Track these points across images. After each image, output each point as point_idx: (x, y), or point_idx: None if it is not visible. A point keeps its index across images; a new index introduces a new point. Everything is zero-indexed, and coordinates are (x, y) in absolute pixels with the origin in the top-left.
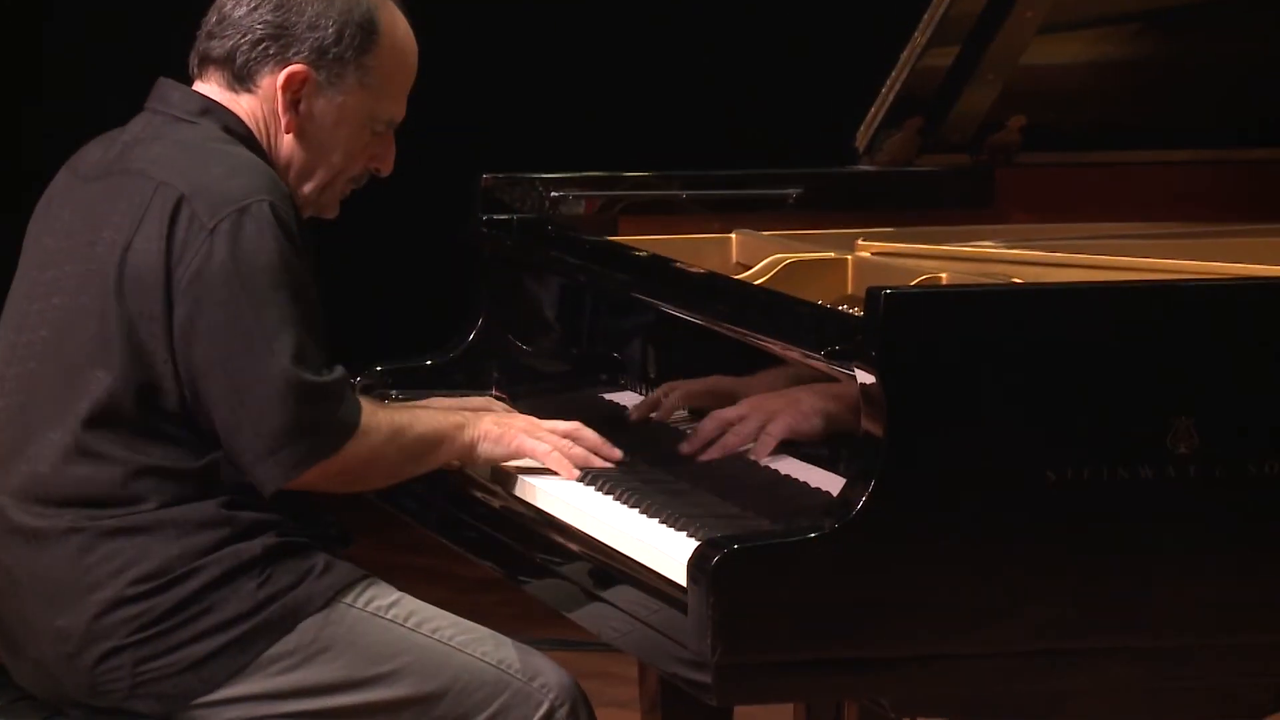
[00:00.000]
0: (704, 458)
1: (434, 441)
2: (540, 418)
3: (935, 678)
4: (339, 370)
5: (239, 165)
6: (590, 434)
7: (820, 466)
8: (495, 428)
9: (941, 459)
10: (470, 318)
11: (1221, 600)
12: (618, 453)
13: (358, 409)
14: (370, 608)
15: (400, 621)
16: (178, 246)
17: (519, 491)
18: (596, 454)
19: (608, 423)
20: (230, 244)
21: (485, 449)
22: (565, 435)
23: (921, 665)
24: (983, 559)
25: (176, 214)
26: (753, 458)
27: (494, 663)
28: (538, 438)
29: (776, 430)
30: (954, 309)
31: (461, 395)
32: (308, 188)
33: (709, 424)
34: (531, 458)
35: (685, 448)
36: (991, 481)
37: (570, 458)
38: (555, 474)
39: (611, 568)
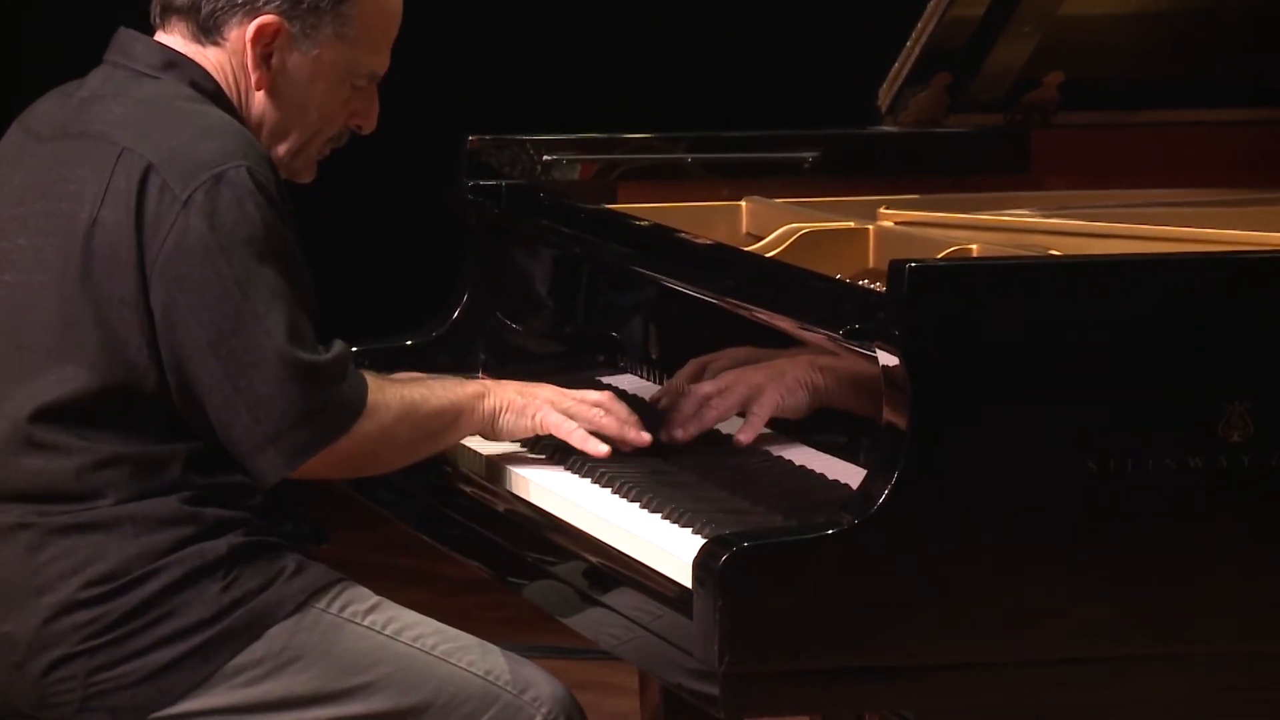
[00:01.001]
0: (682, 437)
1: (451, 415)
2: None
3: (963, 688)
4: (338, 345)
5: (210, 127)
6: (620, 407)
7: (838, 456)
8: (519, 397)
9: (971, 448)
10: (454, 293)
11: (1277, 603)
12: (646, 437)
13: (363, 386)
14: (346, 613)
15: (379, 629)
16: (149, 222)
17: (509, 484)
18: (625, 435)
19: None
20: (207, 216)
21: (508, 421)
22: (595, 406)
23: (948, 674)
24: (1016, 558)
25: (145, 185)
26: (739, 440)
27: (481, 673)
28: (564, 410)
29: (762, 409)
30: (985, 284)
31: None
32: (281, 149)
33: (689, 401)
34: (555, 433)
35: (664, 433)
36: (1026, 473)
37: (601, 428)
38: (548, 465)
39: (610, 568)
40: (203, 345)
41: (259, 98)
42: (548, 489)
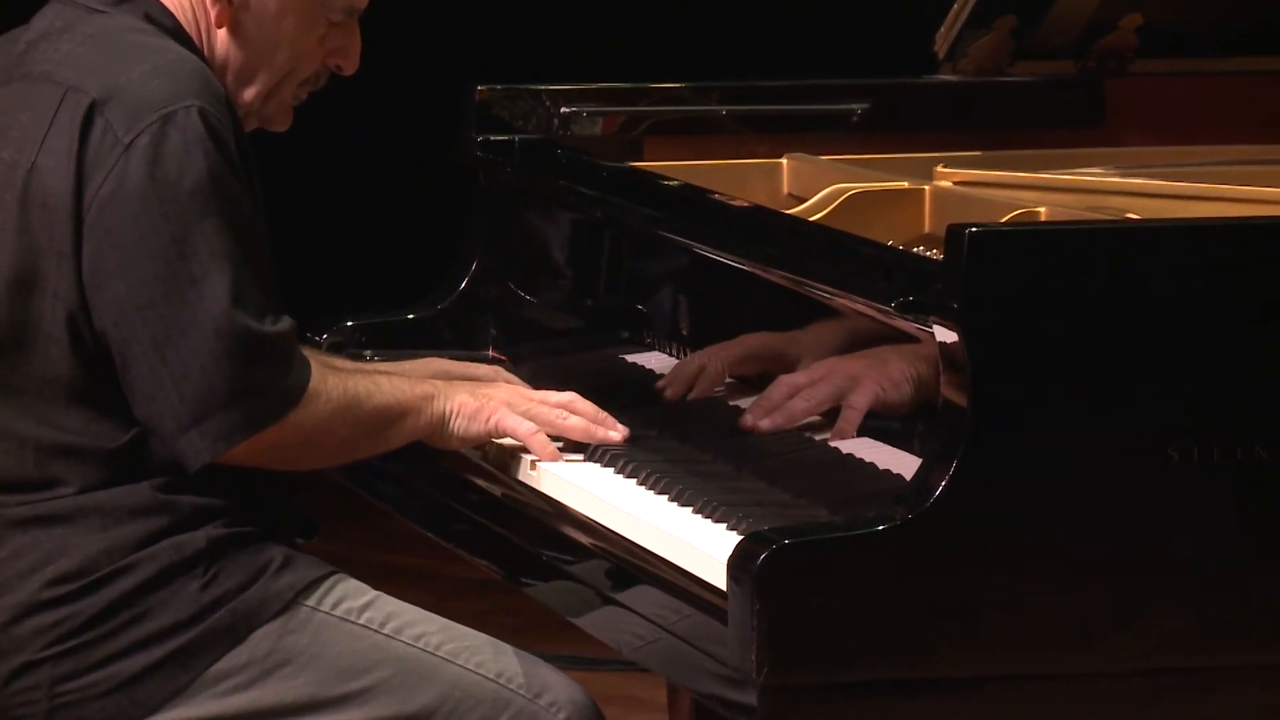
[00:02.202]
0: (765, 426)
1: (395, 415)
2: (547, 385)
3: (1027, 703)
4: (286, 321)
5: (164, 63)
6: (587, 406)
7: (890, 444)
8: (471, 399)
9: (1038, 435)
10: (462, 261)
11: None
12: (621, 432)
13: (306, 371)
14: (339, 611)
15: (376, 627)
16: (89, 165)
17: (521, 475)
18: (594, 435)
19: (630, 390)
20: (149, 163)
21: (459, 427)
22: (557, 408)
23: (1012, 688)
24: (1088, 557)
25: (89, 125)
26: (833, 442)
27: (492, 676)
28: (522, 413)
29: (859, 403)
30: (1054, 251)
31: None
32: (249, 94)
33: (777, 390)
34: (511, 436)
35: (746, 419)
36: (1100, 463)
37: (565, 431)
38: (567, 454)
39: (635, 567)
40: (129, 309)
41: (221, 36)
42: (566, 480)
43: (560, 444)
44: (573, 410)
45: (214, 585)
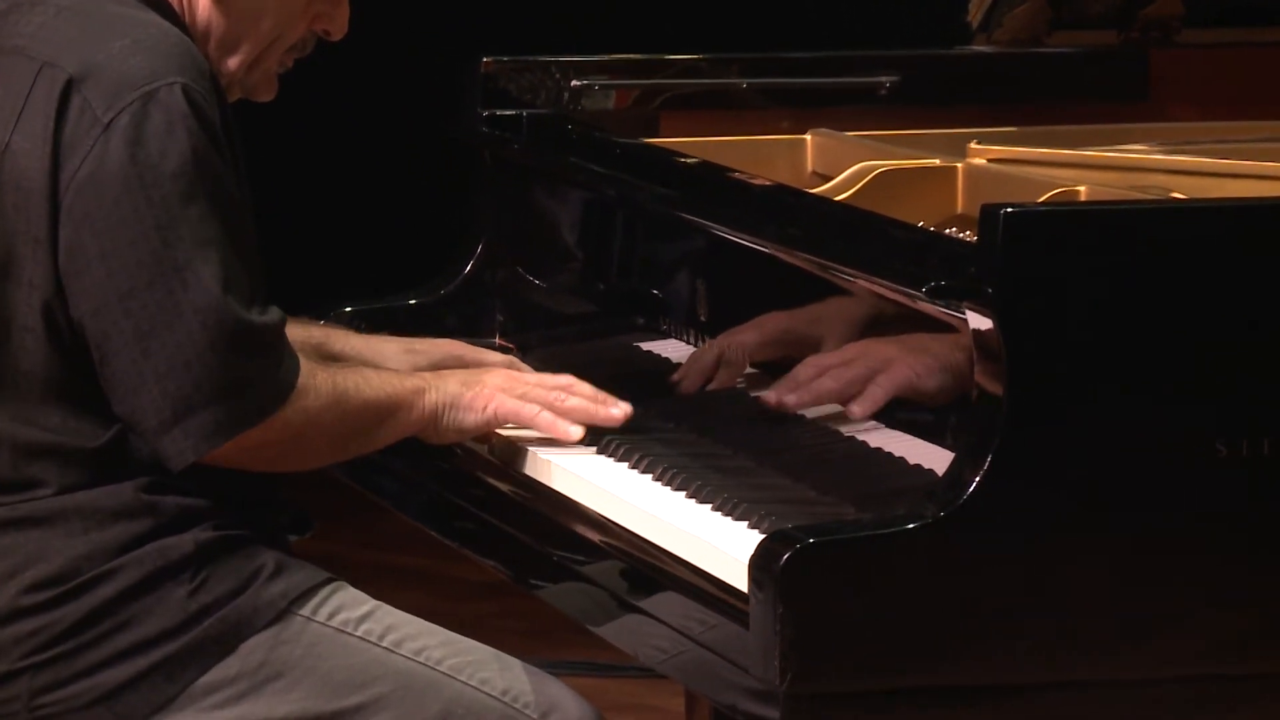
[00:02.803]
0: (790, 402)
1: (385, 410)
2: (556, 372)
3: (1071, 711)
4: (275, 312)
5: (144, 38)
6: (586, 387)
7: (921, 437)
8: (464, 390)
9: (1079, 427)
10: (466, 243)
11: None
12: (623, 409)
13: (297, 364)
14: (336, 621)
15: (375, 639)
16: (66, 146)
17: (530, 469)
18: (596, 415)
19: (645, 380)
20: (130, 144)
21: (453, 419)
22: (555, 390)
23: (1053, 695)
24: (1134, 557)
25: (65, 104)
26: (852, 413)
27: (498, 693)
28: (520, 396)
29: (887, 383)
30: (1095, 232)
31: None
32: (232, 63)
33: (804, 369)
34: (515, 422)
35: (769, 395)
36: (1144, 457)
37: (566, 413)
38: (578, 448)
39: (652, 569)
40: (110, 299)
41: (203, 2)
42: (578, 475)
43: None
44: (571, 393)
45: (202, 592)
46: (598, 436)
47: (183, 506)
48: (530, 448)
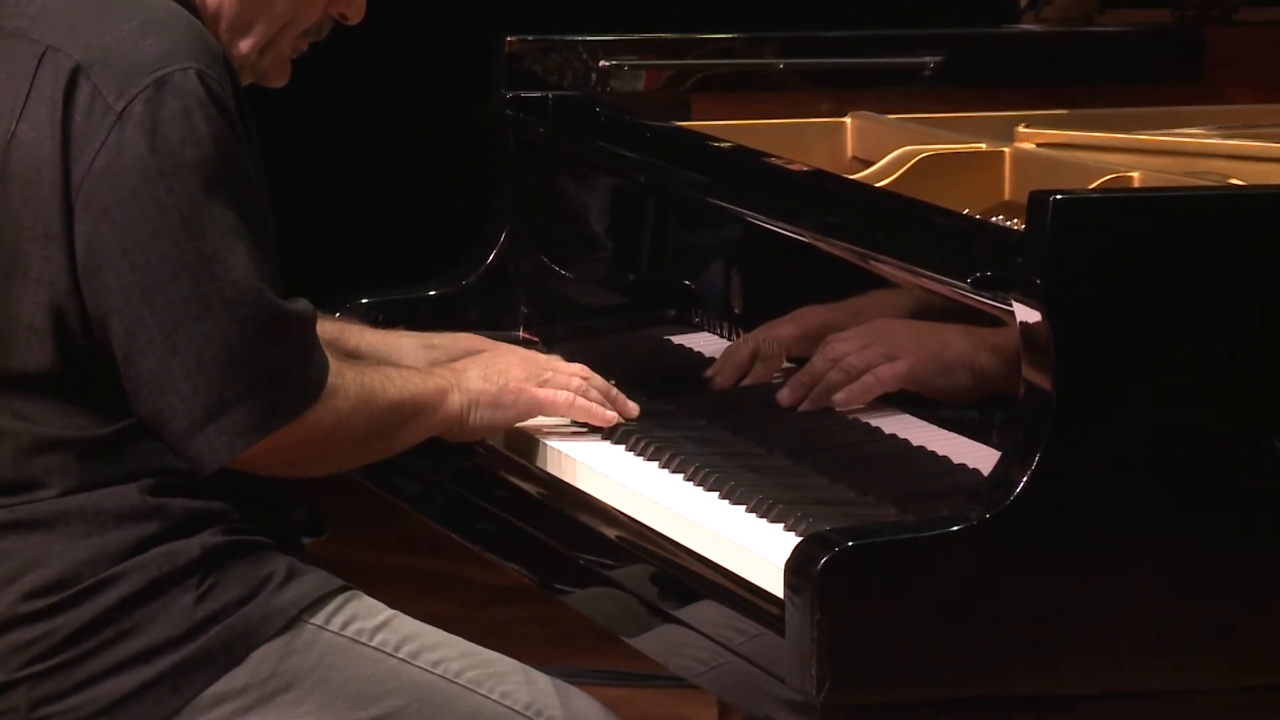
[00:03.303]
0: (801, 403)
1: (409, 411)
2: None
3: None
4: (305, 303)
5: (153, 20)
6: (599, 380)
7: (965, 435)
8: (488, 385)
9: (1132, 424)
10: (489, 232)
11: None
12: (634, 408)
13: (327, 362)
14: (349, 631)
15: (391, 650)
16: (76, 136)
17: (555, 468)
18: (610, 408)
19: (677, 375)
20: (147, 132)
21: (481, 418)
22: (573, 376)
23: (1106, 706)
24: (1188, 560)
25: (73, 91)
26: (838, 404)
27: (520, 707)
28: (544, 384)
29: (887, 375)
30: (1149, 220)
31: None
32: (244, 46)
33: (819, 361)
34: (551, 413)
35: (784, 394)
36: (1199, 456)
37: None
38: (606, 446)
39: (682, 573)
40: (134, 294)
41: None
42: (606, 475)
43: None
44: (586, 378)
45: (209, 599)
46: (627, 434)
47: (190, 510)
48: (557, 446)
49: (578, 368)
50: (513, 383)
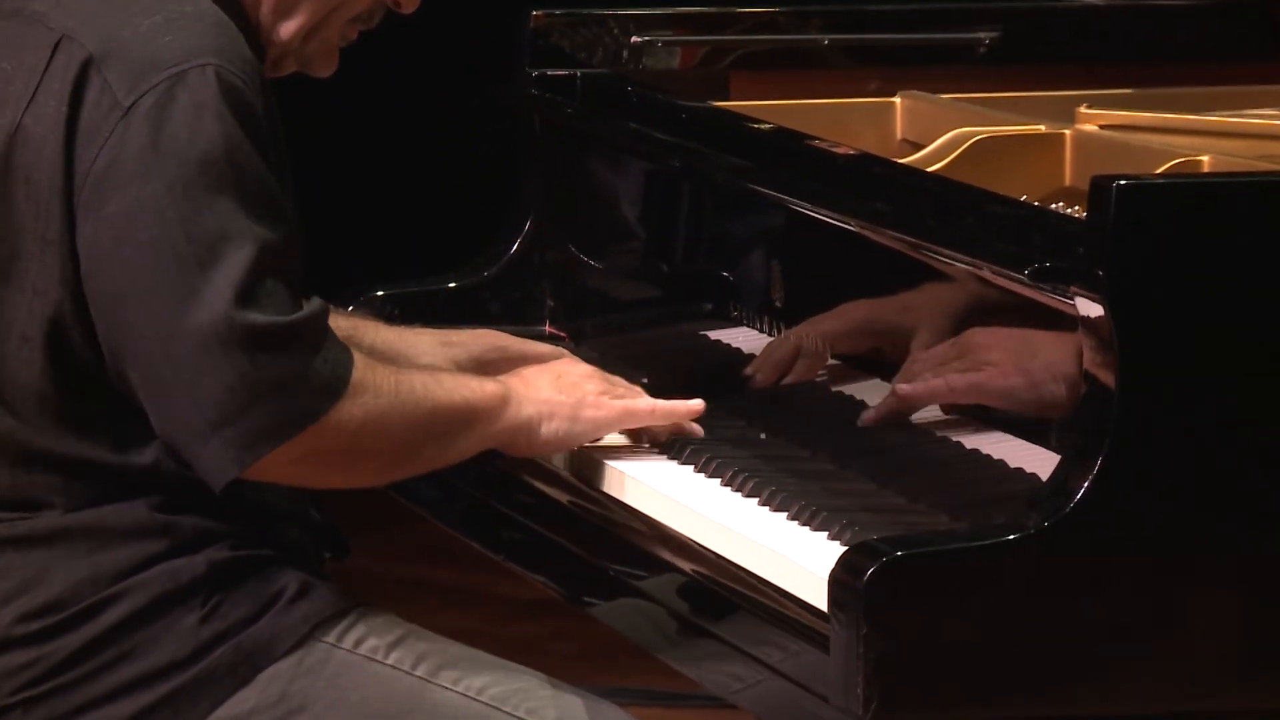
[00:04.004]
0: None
1: (463, 417)
2: (615, 368)
3: None
4: (314, 304)
5: (178, 15)
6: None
7: (1023, 437)
8: (563, 396)
9: (1200, 426)
10: (514, 220)
11: None
12: (696, 427)
13: (346, 359)
14: (364, 648)
15: (408, 668)
16: (83, 134)
17: (586, 473)
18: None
19: (714, 373)
20: (153, 129)
21: (556, 430)
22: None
23: None
24: (1260, 572)
25: (82, 86)
26: (900, 393)
27: None
28: (619, 397)
29: (960, 384)
30: (1219, 207)
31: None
32: (287, 29)
33: (918, 364)
34: (632, 422)
35: (871, 415)
36: (1271, 460)
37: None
38: (638, 448)
39: (719, 585)
40: (130, 299)
41: None
42: (637, 480)
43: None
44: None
45: (215, 617)
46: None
47: (200, 528)
48: (586, 448)
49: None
50: (590, 395)
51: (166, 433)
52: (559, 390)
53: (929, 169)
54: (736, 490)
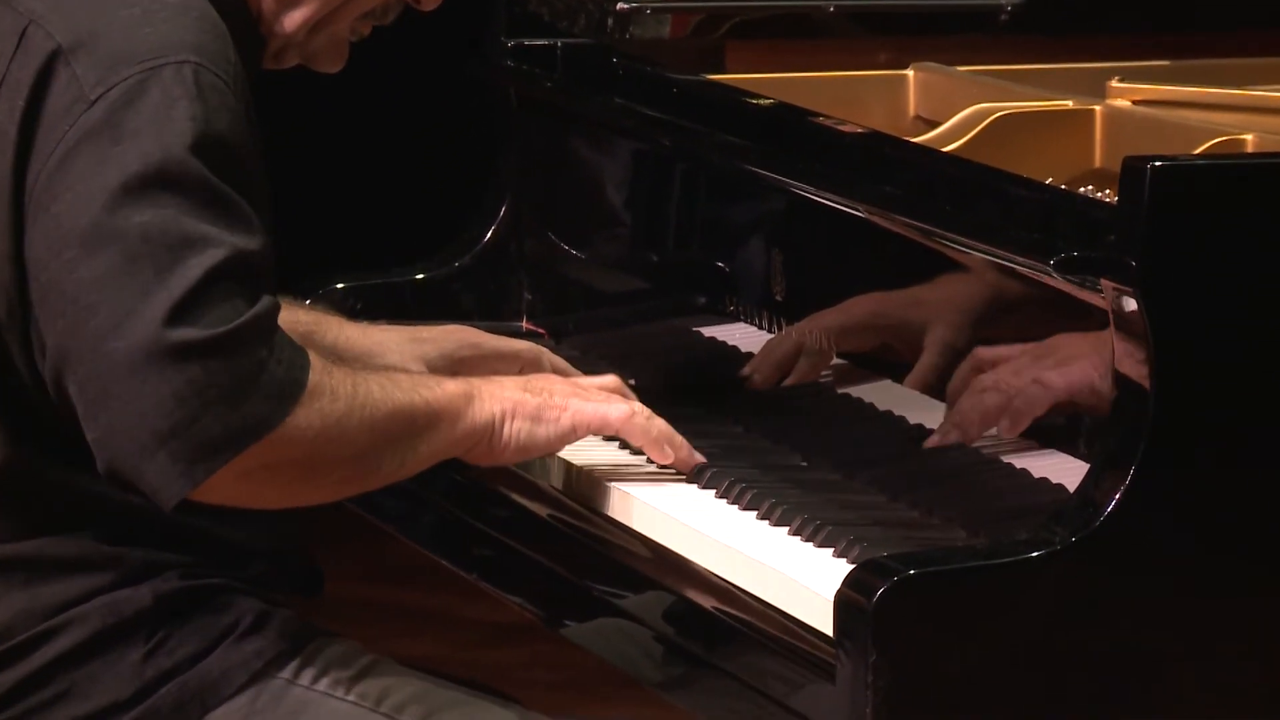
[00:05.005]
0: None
1: (424, 419)
2: (599, 367)
3: None
4: (262, 304)
5: (159, 8)
6: (659, 419)
7: (1047, 444)
8: (529, 395)
9: (1241, 432)
10: (487, 205)
11: None
12: (700, 458)
13: (301, 361)
14: (323, 684)
15: (372, 705)
16: (43, 129)
17: (561, 482)
18: (672, 443)
19: (708, 374)
20: (114, 117)
21: (518, 431)
22: (614, 393)
23: None
24: None
25: (47, 79)
26: (1003, 431)
27: None
28: (594, 398)
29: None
30: (1263, 191)
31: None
32: (291, 21)
33: (983, 376)
34: (601, 429)
35: (939, 437)
36: None
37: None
38: (622, 455)
39: (713, 606)
40: (73, 302)
41: None
42: (624, 491)
43: (614, 439)
44: (627, 396)
45: (161, 653)
46: None
47: (151, 560)
48: (562, 455)
49: (609, 380)
50: (558, 396)
51: (108, 451)
52: (528, 391)
53: (945, 149)
54: (733, 503)
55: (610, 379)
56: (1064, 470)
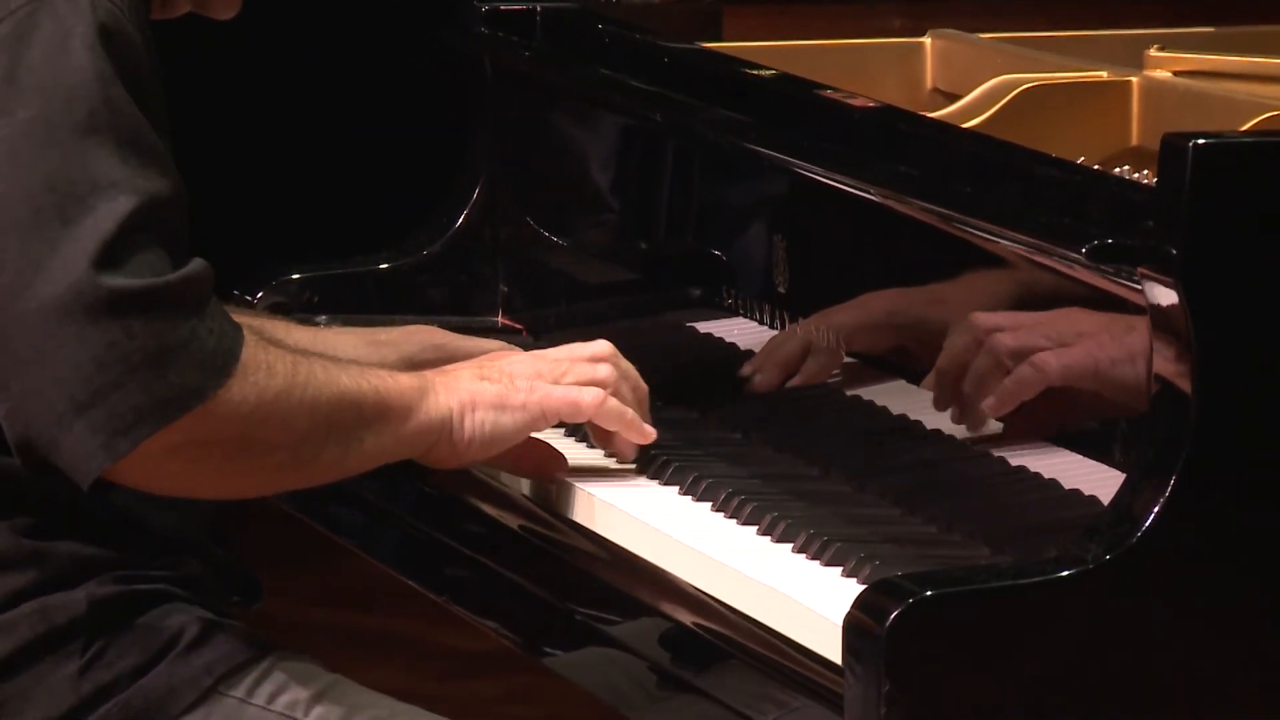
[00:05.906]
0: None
1: (372, 409)
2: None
3: None
4: (196, 264)
5: None
6: (628, 365)
7: (1079, 452)
8: (486, 385)
9: None
10: (459, 188)
11: None
12: (651, 433)
13: (233, 332)
14: (280, 704)
15: None
16: None
17: (540, 493)
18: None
19: (704, 374)
20: (9, 56)
21: (480, 424)
22: (596, 360)
23: None
24: None
25: None
26: (987, 409)
27: None
28: (563, 379)
29: (1055, 366)
30: None
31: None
32: None
33: (986, 359)
34: (572, 416)
35: (955, 407)
36: None
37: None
38: (605, 459)
39: (708, 630)
40: None
41: None
42: (611, 504)
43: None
44: (612, 361)
45: (99, 666)
46: (639, 450)
47: (77, 556)
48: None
49: (602, 347)
50: (518, 379)
51: (20, 423)
52: (483, 378)
53: (965, 125)
54: (731, 516)
55: (603, 345)
56: (1098, 481)
